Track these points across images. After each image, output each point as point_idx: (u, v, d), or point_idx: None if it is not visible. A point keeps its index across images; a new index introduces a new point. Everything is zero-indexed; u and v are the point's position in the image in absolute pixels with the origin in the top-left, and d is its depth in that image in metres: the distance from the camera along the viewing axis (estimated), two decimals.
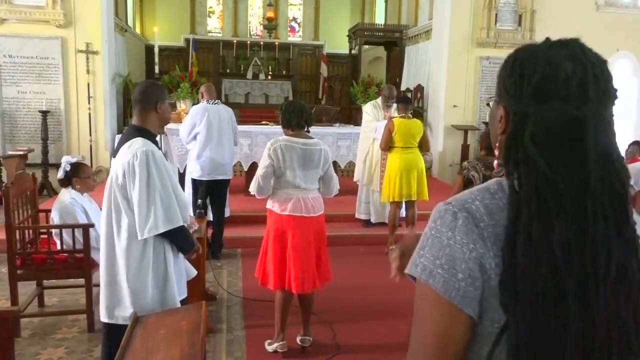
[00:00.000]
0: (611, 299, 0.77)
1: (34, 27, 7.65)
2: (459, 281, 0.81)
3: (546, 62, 0.81)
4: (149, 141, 2.42)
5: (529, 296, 0.76)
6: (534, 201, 0.78)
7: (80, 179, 3.67)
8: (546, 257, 0.76)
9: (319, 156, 3.23)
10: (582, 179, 0.78)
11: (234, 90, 14.70)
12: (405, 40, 12.42)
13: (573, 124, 0.78)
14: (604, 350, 0.78)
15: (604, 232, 0.78)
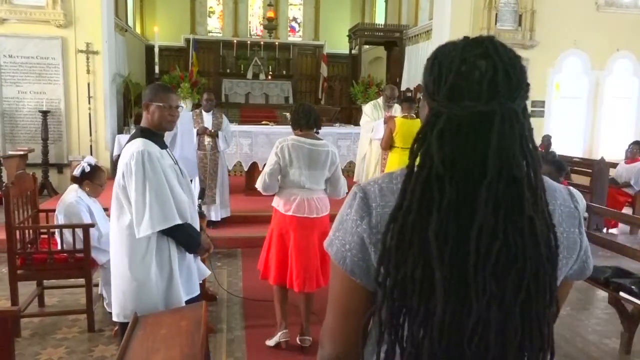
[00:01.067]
0: (493, 288, 0.79)
1: (34, 27, 7.65)
2: (347, 251, 0.91)
3: (461, 62, 0.83)
4: (149, 141, 2.43)
5: (397, 277, 0.82)
6: (417, 191, 0.83)
7: (92, 182, 3.69)
8: (418, 244, 0.81)
9: (325, 157, 3.25)
10: (481, 170, 0.81)
11: (234, 91, 14.70)
12: (405, 40, 12.42)
13: (481, 118, 0.81)
14: (474, 342, 0.80)
15: (494, 220, 0.79)
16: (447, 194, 0.81)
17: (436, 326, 0.80)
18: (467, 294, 0.80)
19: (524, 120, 0.84)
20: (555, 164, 4.36)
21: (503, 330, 0.81)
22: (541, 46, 9.09)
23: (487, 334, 0.80)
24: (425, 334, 0.81)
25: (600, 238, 4.76)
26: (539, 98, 9.42)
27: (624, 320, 3.48)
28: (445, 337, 0.80)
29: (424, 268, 0.81)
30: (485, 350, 0.81)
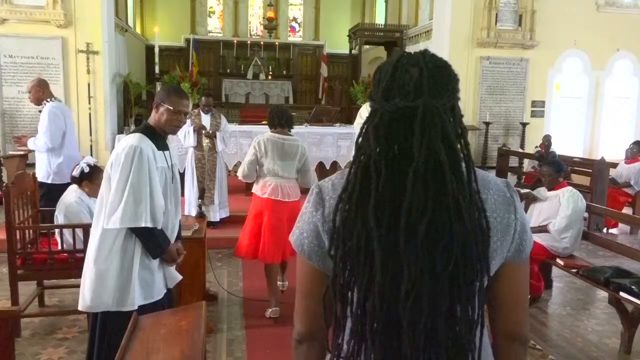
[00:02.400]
0: (421, 257, 0.91)
1: (35, 27, 7.66)
2: (304, 238, 1.08)
3: (394, 69, 0.99)
4: (146, 138, 2.42)
5: (345, 245, 0.96)
6: (359, 175, 0.97)
7: (91, 183, 3.67)
8: (360, 220, 0.95)
9: (296, 150, 3.81)
10: (409, 154, 0.94)
11: (234, 91, 14.71)
12: (405, 40, 12.42)
13: (407, 113, 0.95)
14: (409, 302, 0.91)
15: (421, 199, 0.92)
16: (382, 176, 0.94)
17: (376, 290, 0.93)
18: (399, 264, 0.92)
19: (448, 115, 0.97)
20: (554, 165, 4.37)
21: (434, 297, 0.92)
22: (541, 46, 9.09)
23: (420, 299, 0.91)
24: (367, 297, 0.94)
25: (600, 238, 4.76)
26: (539, 98, 9.42)
27: (624, 320, 3.48)
28: (385, 300, 0.93)
29: (366, 240, 0.94)
30: (419, 314, 0.92)
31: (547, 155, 7.57)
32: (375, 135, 0.97)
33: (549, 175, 4.28)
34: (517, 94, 9.32)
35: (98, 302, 2.41)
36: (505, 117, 9.30)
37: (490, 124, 9.03)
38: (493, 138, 9.20)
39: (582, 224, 4.29)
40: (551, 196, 4.29)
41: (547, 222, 4.20)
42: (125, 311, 2.37)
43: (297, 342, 1.17)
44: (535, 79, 9.31)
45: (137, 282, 2.42)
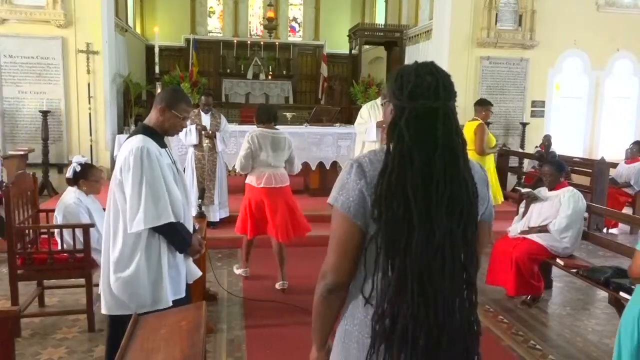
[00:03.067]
0: (445, 220, 1.24)
1: (35, 27, 7.66)
2: (351, 202, 1.30)
3: (416, 76, 1.29)
4: (149, 139, 2.44)
5: (388, 214, 1.23)
6: (397, 158, 1.26)
7: (87, 180, 3.67)
8: (400, 192, 1.23)
9: (284, 142, 4.36)
10: (434, 145, 1.25)
11: (234, 91, 14.70)
12: (405, 40, 12.42)
13: (431, 111, 1.26)
14: (438, 253, 1.23)
15: (444, 177, 1.24)
16: (415, 159, 1.24)
17: (414, 247, 1.22)
18: (431, 226, 1.23)
19: (455, 116, 1.31)
20: (555, 164, 4.37)
21: (452, 249, 1.25)
22: (541, 46, 9.09)
23: (444, 252, 1.24)
24: (407, 253, 1.22)
25: (600, 238, 4.76)
26: (539, 98, 9.42)
27: None
28: (420, 254, 1.22)
29: (405, 208, 1.23)
30: (443, 263, 1.24)
31: (547, 155, 7.57)
32: (407, 128, 1.26)
33: (550, 175, 4.28)
34: (517, 94, 9.31)
35: (137, 301, 2.43)
36: (505, 117, 9.29)
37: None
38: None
39: (582, 224, 4.29)
40: (551, 196, 4.29)
41: (547, 221, 4.20)
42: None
43: (328, 292, 1.37)
44: (535, 79, 9.30)
45: (167, 278, 2.45)
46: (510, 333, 3.74)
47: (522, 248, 4.16)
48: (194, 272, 2.72)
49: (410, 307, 1.22)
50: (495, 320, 3.95)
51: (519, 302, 4.27)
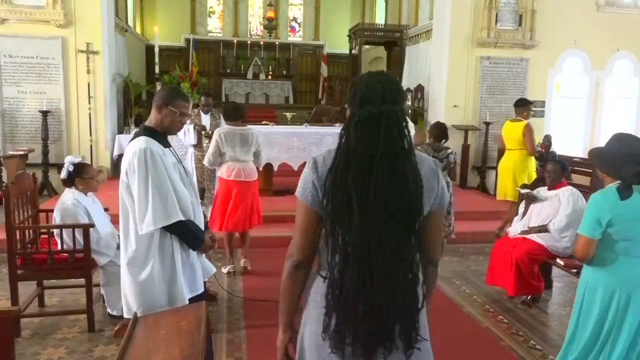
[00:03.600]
0: (383, 207, 1.43)
1: (35, 27, 7.66)
2: (307, 192, 1.54)
3: (365, 86, 1.50)
4: (152, 139, 2.45)
5: (333, 203, 1.45)
6: (343, 156, 1.47)
7: (83, 179, 3.64)
8: (344, 184, 1.44)
9: (251, 138, 4.66)
10: (377, 143, 1.43)
11: (234, 90, 14.70)
12: (405, 40, 12.42)
13: (376, 115, 1.46)
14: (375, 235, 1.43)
15: (384, 172, 1.43)
16: (359, 156, 1.45)
17: (354, 230, 1.42)
18: (369, 212, 1.42)
19: (400, 117, 1.49)
20: (559, 163, 4.41)
21: (390, 232, 1.44)
22: (541, 46, 9.09)
23: (381, 234, 1.43)
24: (349, 235, 1.43)
25: None
26: (539, 98, 9.41)
27: None
28: (360, 237, 1.42)
29: (347, 198, 1.43)
30: (380, 244, 1.43)
31: (547, 155, 7.57)
32: (355, 130, 1.47)
33: (553, 173, 4.29)
34: (517, 94, 9.28)
35: (146, 305, 2.45)
36: (506, 117, 9.20)
37: (490, 124, 9.03)
38: (493, 138, 9.18)
39: None
40: (551, 196, 4.30)
41: (547, 221, 4.20)
42: None
43: (294, 267, 1.59)
44: (535, 79, 9.30)
45: (182, 277, 2.48)
46: (510, 333, 3.74)
47: (522, 248, 4.16)
48: (209, 269, 2.77)
49: (352, 279, 1.44)
50: (495, 320, 3.95)
51: (519, 302, 4.27)
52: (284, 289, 1.63)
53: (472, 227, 6.31)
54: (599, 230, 2.30)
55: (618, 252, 2.31)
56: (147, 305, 2.46)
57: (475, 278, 4.84)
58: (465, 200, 7.57)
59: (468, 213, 6.75)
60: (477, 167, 9.13)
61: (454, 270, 5.16)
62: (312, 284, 1.61)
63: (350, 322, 1.45)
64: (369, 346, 1.47)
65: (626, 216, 2.27)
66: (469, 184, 9.00)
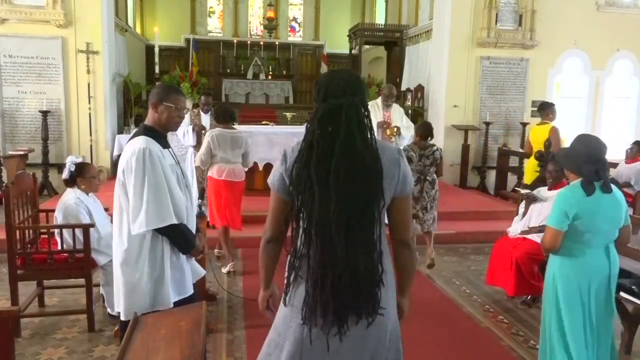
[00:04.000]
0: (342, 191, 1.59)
1: (34, 27, 7.66)
2: (276, 181, 1.74)
3: (328, 82, 1.69)
4: (151, 140, 2.44)
5: (297, 187, 1.64)
6: (306, 145, 1.65)
7: (84, 179, 3.65)
8: (306, 170, 1.62)
9: (241, 140, 4.85)
10: (336, 134, 1.61)
11: (234, 90, 14.69)
12: (405, 40, 12.41)
13: (337, 106, 1.63)
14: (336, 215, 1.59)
15: (341, 158, 1.59)
16: (320, 145, 1.62)
17: (316, 211, 1.61)
18: (330, 196, 1.59)
19: (360, 106, 1.66)
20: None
21: (350, 213, 1.61)
22: (541, 46, 9.09)
23: (341, 215, 1.59)
24: (312, 216, 1.62)
25: None
26: (539, 98, 9.40)
27: (624, 320, 3.48)
28: (322, 217, 1.60)
29: (310, 183, 1.61)
30: (340, 223, 1.59)
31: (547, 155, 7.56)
32: (319, 122, 1.65)
33: (554, 172, 4.28)
34: (517, 94, 9.31)
35: (133, 307, 2.43)
36: (506, 117, 9.29)
37: (490, 124, 9.03)
38: (493, 138, 9.19)
39: None
40: (551, 196, 4.29)
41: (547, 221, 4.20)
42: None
43: (267, 242, 1.85)
44: (535, 79, 9.30)
45: (169, 281, 2.46)
46: (510, 333, 3.74)
47: (522, 248, 4.16)
48: (198, 271, 2.73)
49: (317, 255, 1.62)
50: (495, 320, 3.95)
51: (519, 302, 4.27)
52: (261, 260, 1.93)
53: (472, 227, 6.31)
54: (566, 222, 2.52)
55: (581, 243, 2.55)
56: (130, 307, 2.44)
57: (475, 278, 4.84)
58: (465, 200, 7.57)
59: (468, 213, 6.75)
60: (477, 167, 9.13)
61: (454, 270, 5.16)
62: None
63: (320, 294, 1.62)
64: (340, 315, 1.63)
65: (590, 210, 2.51)
66: (469, 184, 9.00)
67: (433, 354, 3.42)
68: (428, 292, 4.50)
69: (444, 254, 5.66)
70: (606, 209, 2.57)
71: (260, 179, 7.21)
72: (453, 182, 9.13)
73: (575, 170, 2.62)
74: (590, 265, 2.56)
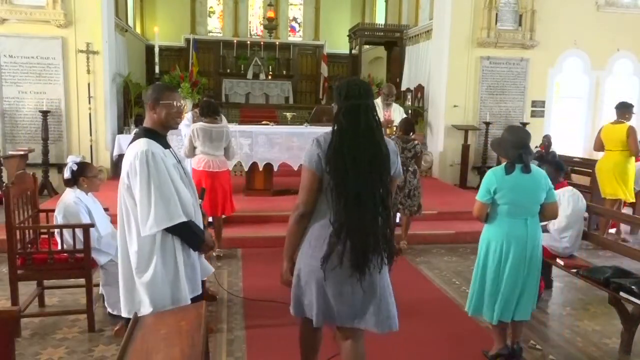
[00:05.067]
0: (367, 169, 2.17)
1: (35, 27, 7.66)
2: (313, 161, 2.21)
3: (347, 86, 2.22)
4: (152, 141, 2.46)
5: (334, 167, 2.15)
6: (337, 134, 2.17)
7: (87, 178, 3.66)
8: (340, 154, 2.14)
9: (222, 134, 5.05)
10: (358, 126, 2.17)
11: (234, 90, 14.70)
12: (405, 40, 12.42)
13: (357, 106, 2.18)
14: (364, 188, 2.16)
15: (365, 145, 2.16)
16: (349, 135, 2.15)
17: (349, 185, 2.14)
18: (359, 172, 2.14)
19: (372, 106, 2.22)
20: (555, 164, 4.37)
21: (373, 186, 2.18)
22: (541, 46, 9.09)
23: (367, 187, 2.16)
24: (346, 189, 2.14)
25: (600, 238, 4.76)
26: (539, 98, 9.42)
27: (624, 320, 3.48)
28: (353, 188, 2.14)
29: (343, 163, 2.13)
30: (367, 193, 2.17)
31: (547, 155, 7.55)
32: (344, 117, 2.19)
33: (549, 174, 4.28)
34: (517, 94, 9.32)
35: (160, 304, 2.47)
36: (506, 117, 9.29)
37: (490, 124, 9.03)
38: (493, 138, 9.19)
39: (582, 224, 4.29)
40: None
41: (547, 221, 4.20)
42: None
43: (300, 216, 2.27)
44: (535, 79, 9.31)
45: (185, 277, 2.50)
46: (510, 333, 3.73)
47: None
48: (207, 269, 2.80)
49: (350, 219, 2.15)
50: None
51: None
52: (291, 232, 2.30)
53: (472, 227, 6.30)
54: (489, 197, 3.09)
55: (504, 215, 3.09)
56: (155, 304, 2.48)
57: None
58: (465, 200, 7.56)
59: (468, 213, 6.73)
60: (477, 167, 9.13)
61: (454, 270, 5.16)
62: (306, 233, 2.30)
63: (348, 249, 2.16)
64: (362, 265, 2.18)
65: (508, 186, 3.03)
66: (469, 184, 8.99)
67: (433, 353, 3.42)
68: (428, 292, 4.49)
69: (444, 254, 5.66)
70: (524, 186, 3.04)
71: (261, 179, 7.21)
72: (453, 182, 9.13)
73: (503, 154, 3.15)
74: (510, 233, 3.07)
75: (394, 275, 2.45)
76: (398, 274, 5.24)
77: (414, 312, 4.03)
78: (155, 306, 2.47)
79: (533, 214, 3.11)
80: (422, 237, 5.98)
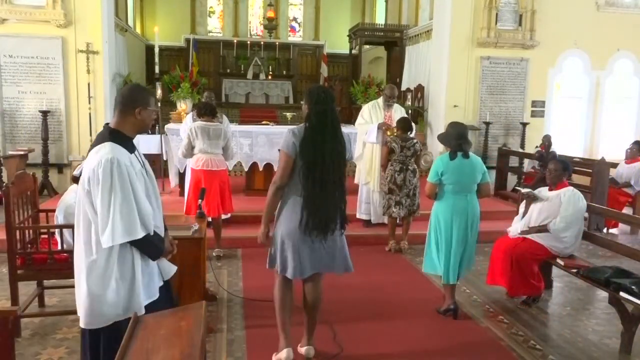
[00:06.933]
0: (329, 157, 2.97)
1: (35, 27, 7.65)
2: (289, 146, 2.98)
3: (317, 93, 3.06)
4: (118, 146, 2.34)
5: (305, 153, 2.95)
6: (309, 129, 2.99)
7: None
8: (311, 143, 2.96)
9: (220, 133, 5.13)
10: (325, 124, 2.99)
11: (234, 90, 14.70)
12: (405, 40, 12.42)
13: (324, 110, 3.00)
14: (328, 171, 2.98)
15: (331, 141, 2.99)
16: (316, 130, 2.98)
17: (317, 168, 2.94)
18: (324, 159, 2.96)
19: (335, 110, 3.06)
20: (561, 163, 4.40)
21: (334, 171, 3.00)
22: (541, 46, 9.09)
23: (330, 171, 2.98)
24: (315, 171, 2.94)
25: (600, 238, 4.76)
26: (539, 98, 9.42)
27: (624, 320, 3.48)
28: (320, 172, 2.95)
29: (313, 151, 2.94)
30: (329, 176, 2.98)
31: (547, 155, 7.56)
32: (315, 118, 2.96)
33: (555, 172, 4.28)
34: (517, 94, 9.32)
35: (101, 317, 2.40)
36: (506, 117, 9.30)
37: (490, 124, 9.03)
38: (493, 138, 9.20)
39: (582, 224, 4.29)
40: (552, 196, 4.29)
41: (547, 221, 4.20)
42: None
43: (277, 189, 3.01)
44: (535, 79, 9.30)
45: (141, 285, 2.41)
46: (510, 333, 3.74)
47: (522, 248, 4.16)
48: (169, 269, 2.64)
49: (317, 194, 2.92)
50: (496, 320, 3.95)
51: (519, 302, 4.27)
52: (269, 202, 3.04)
53: None
54: (437, 178, 3.91)
55: (449, 192, 3.91)
56: (96, 317, 2.42)
57: (475, 278, 4.84)
58: None
59: None
60: None
61: None
62: (283, 205, 3.05)
63: (313, 218, 2.92)
64: (324, 229, 2.97)
65: (452, 169, 3.86)
66: None
67: (433, 353, 3.42)
68: (428, 292, 4.49)
69: None
70: (464, 169, 3.87)
71: (261, 179, 7.21)
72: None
73: (447, 144, 3.96)
74: (454, 206, 3.89)
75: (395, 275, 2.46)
76: (398, 274, 5.25)
77: (414, 312, 4.04)
78: (100, 317, 2.40)
79: (472, 190, 3.94)
80: (422, 237, 5.96)
